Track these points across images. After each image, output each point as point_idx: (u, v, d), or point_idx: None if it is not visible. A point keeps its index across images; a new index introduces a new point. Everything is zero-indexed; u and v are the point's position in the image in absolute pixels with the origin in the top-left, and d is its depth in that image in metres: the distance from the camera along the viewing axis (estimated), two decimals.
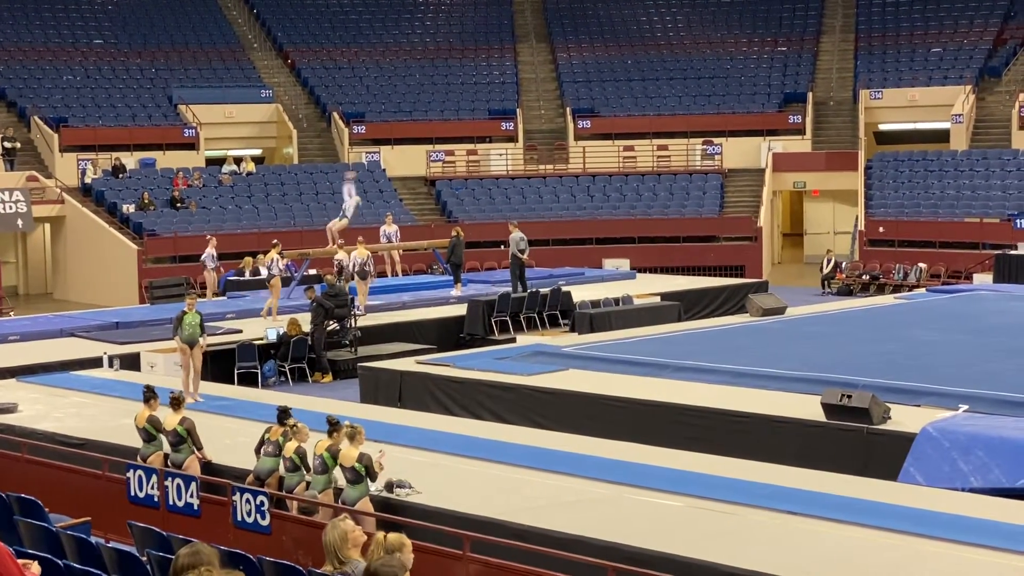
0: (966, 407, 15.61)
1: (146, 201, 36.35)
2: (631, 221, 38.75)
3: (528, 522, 11.94)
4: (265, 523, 12.23)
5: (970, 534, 11.30)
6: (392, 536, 8.60)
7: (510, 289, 27.30)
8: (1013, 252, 32.35)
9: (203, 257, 29.96)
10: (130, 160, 38.97)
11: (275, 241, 29.17)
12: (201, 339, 18.63)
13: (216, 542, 9.83)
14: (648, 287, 29.79)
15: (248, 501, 12.38)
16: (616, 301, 27.04)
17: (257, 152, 43.18)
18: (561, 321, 26.77)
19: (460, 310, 26.41)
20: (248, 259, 31.14)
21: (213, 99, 41.72)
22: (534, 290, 27.16)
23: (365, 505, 12.30)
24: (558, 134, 43.56)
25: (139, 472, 13.63)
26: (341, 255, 26.66)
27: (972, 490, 13.48)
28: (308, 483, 13.21)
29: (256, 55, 45.81)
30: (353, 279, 25.81)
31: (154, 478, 13.41)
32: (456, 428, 16.52)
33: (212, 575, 5.50)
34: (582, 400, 17.76)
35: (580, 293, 27.95)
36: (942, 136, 41.53)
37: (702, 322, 25.86)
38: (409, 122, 42.72)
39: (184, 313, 18.58)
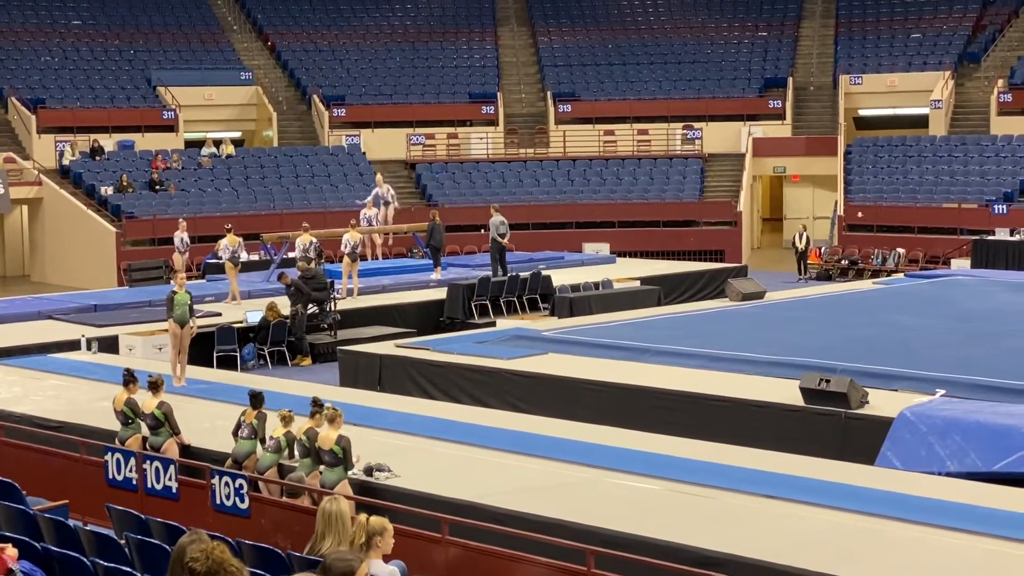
0: (943, 392, 15.69)
1: (125, 183, 36.20)
2: (611, 205, 38.77)
3: (507, 506, 11.97)
4: (244, 506, 12.23)
5: (947, 518, 11.37)
6: (374, 519, 8.62)
7: (490, 273, 27.30)
8: (991, 238, 32.50)
9: (176, 243, 29.45)
10: (108, 142, 38.79)
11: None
12: (191, 320, 18.57)
13: (195, 525, 9.83)
14: (628, 271, 29.83)
15: (227, 484, 12.37)
16: (596, 285, 27.08)
17: (237, 135, 43.05)
18: (541, 305, 26.79)
19: (440, 294, 26.40)
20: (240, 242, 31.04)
21: (192, 81, 41.55)
22: (514, 274, 27.16)
23: (344, 488, 12.31)
24: (538, 118, 43.53)
25: (117, 455, 13.60)
26: (305, 238, 26.42)
27: (949, 474, 13.55)
28: (281, 466, 13.23)
29: (236, 37, 45.63)
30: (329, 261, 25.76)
31: (132, 461, 13.38)
32: (435, 412, 16.52)
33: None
34: (561, 384, 17.78)
35: (560, 277, 27.97)
36: (921, 122, 41.66)
37: (682, 306, 25.92)
38: (389, 105, 42.63)
39: (175, 293, 18.49)
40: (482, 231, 33.59)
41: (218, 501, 12.42)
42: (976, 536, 10.93)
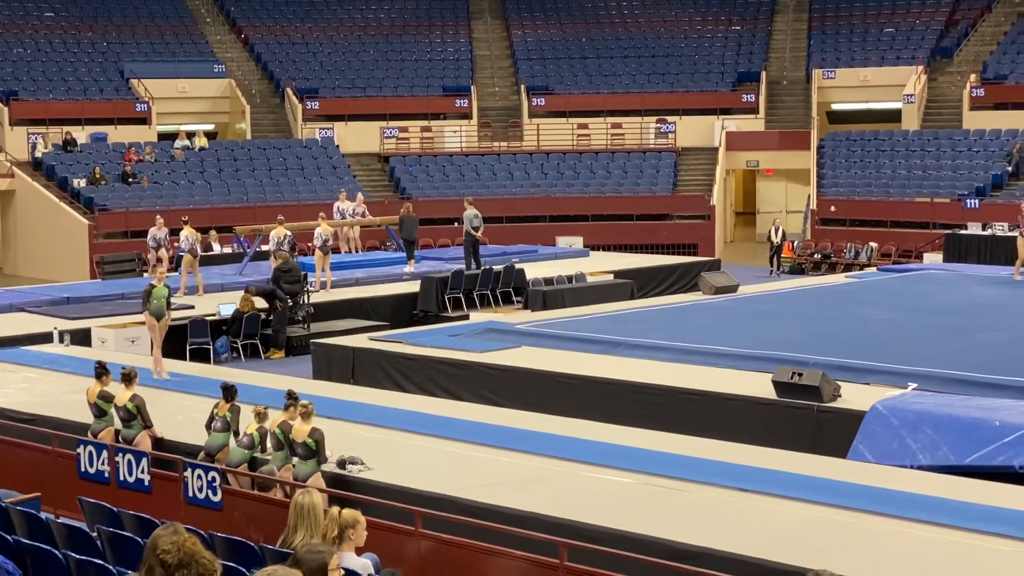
0: (915, 385, 15.76)
1: (97, 176, 36.02)
2: (585, 199, 38.81)
3: (480, 498, 11.96)
4: (217, 499, 12.21)
5: (919, 511, 11.42)
6: (346, 512, 8.63)
7: (463, 266, 27.29)
8: (963, 232, 32.64)
9: (157, 237, 29.08)
10: (81, 134, 38.59)
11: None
12: (167, 314, 18.51)
13: (167, 518, 9.79)
14: (601, 265, 29.85)
15: (200, 477, 12.34)
16: (569, 279, 27.10)
17: (210, 127, 42.87)
18: (514, 298, 26.79)
19: (413, 287, 26.37)
20: (198, 235, 30.92)
21: (166, 74, 41.36)
22: (487, 267, 27.15)
23: (317, 481, 12.29)
24: (512, 111, 43.51)
25: (89, 448, 13.55)
26: (280, 231, 26.37)
27: (920, 467, 13.61)
28: (253, 459, 13.21)
29: (209, 30, 45.43)
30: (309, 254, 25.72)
31: (105, 454, 13.34)
32: (408, 405, 16.51)
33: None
34: (534, 377, 17.79)
35: (533, 270, 27.98)
36: (894, 116, 41.83)
37: (655, 300, 25.94)
38: (363, 98, 42.52)
39: (152, 287, 18.43)
40: (455, 224, 33.54)
41: (190, 494, 12.39)
42: (948, 529, 10.98)
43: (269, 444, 13.19)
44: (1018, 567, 10.20)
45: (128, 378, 14.29)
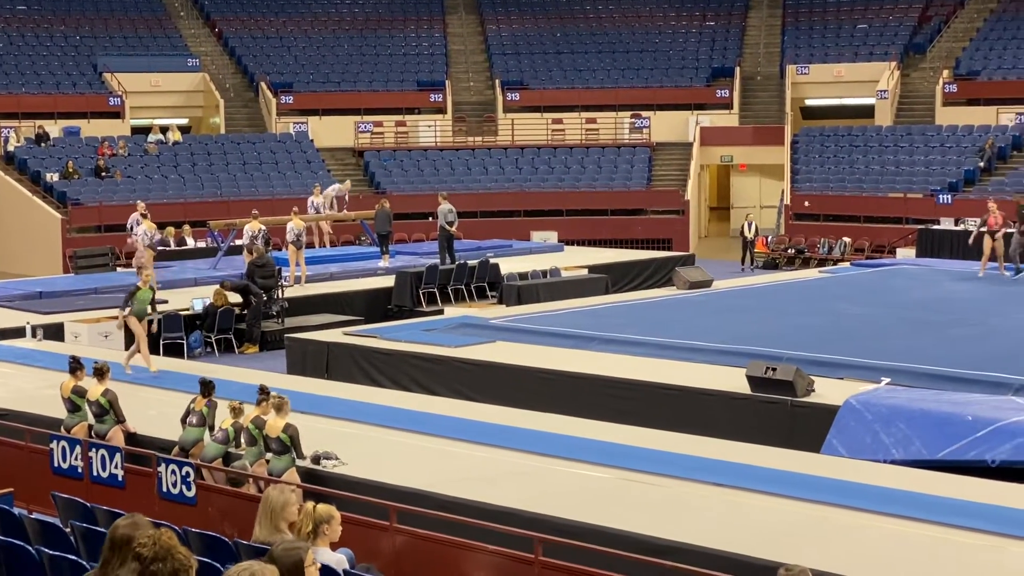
0: (888, 380, 15.83)
1: (70, 170, 35.82)
2: (559, 194, 38.82)
3: (455, 494, 11.96)
4: (191, 494, 12.17)
5: (891, 505, 11.47)
6: (321, 507, 8.62)
7: (438, 261, 27.27)
8: (936, 227, 32.79)
9: (132, 225, 28.79)
10: (54, 128, 38.37)
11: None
12: (148, 317, 18.34)
13: (141, 513, 9.76)
14: (576, 259, 29.88)
15: (174, 472, 12.30)
16: (544, 273, 27.12)
17: (183, 121, 42.70)
18: (489, 293, 26.79)
19: (388, 282, 26.34)
20: (171, 229, 30.87)
21: (139, 67, 41.16)
22: (462, 262, 27.13)
23: (291, 476, 12.27)
24: (487, 106, 43.48)
25: (63, 443, 13.49)
26: (254, 225, 26.27)
27: (893, 462, 13.68)
28: (228, 453, 13.16)
29: (183, 23, 45.24)
30: (281, 248, 25.66)
31: (78, 449, 13.28)
32: (383, 400, 16.49)
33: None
34: (509, 372, 17.79)
35: (508, 265, 27.98)
36: (867, 112, 41.97)
37: (629, 295, 26.00)
38: (337, 92, 42.42)
39: (138, 288, 18.25)
40: (430, 219, 33.52)
41: (164, 489, 12.35)
42: (920, 523, 11.04)
43: (243, 439, 13.15)
44: (990, 560, 10.27)
45: (100, 373, 14.22)
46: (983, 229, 25.92)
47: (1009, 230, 26.26)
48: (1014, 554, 10.35)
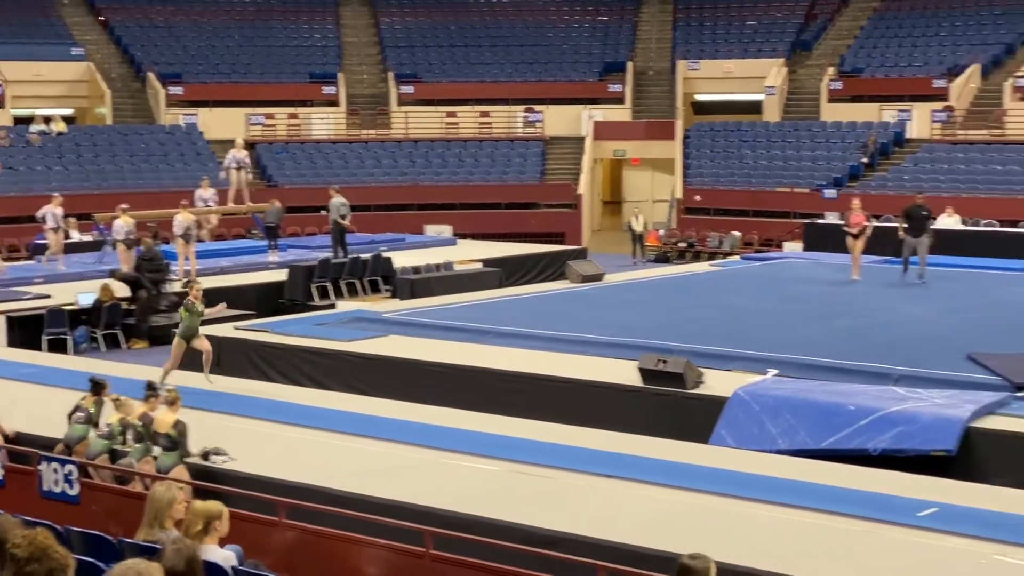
0: (775, 371, 16.06)
1: None
2: (453, 187, 38.79)
3: (345, 488, 11.90)
4: (73, 492, 11.91)
5: (777, 494, 11.63)
6: (210, 504, 8.51)
7: (331, 255, 27.09)
8: (821, 221, 33.31)
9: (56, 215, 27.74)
10: None
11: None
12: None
13: (22, 512, 9.56)
14: (469, 253, 29.88)
15: (55, 470, 12.04)
16: (438, 267, 27.05)
17: (68, 112, 41.86)
18: (382, 287, 26.69)
19: (280, 276, 26.11)
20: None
21: (20, 56, 40.19)
22: (355, 256, 26.99)
23: (180, 472, 12.10)
24: (380, 99, 43.29)
25: None
26: (126, 219, 25.82)
27: (780, 452, 13.88)
28: (113, 451, 12.93)
29: (66, 11, 44.35)
30: (168, 243, 25.29)
31: None
32: (274, 394, 16.34)
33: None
34: (403, 366, 17.73)
35: (402, 259, 27.89)
36: (756, 107, 42.57)
37: (523, 288, 26.05)
38: (228, 84, 41.93)
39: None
40: (322, 213, 33.27)
41: (45, 488, 12.09)
42: (806, 511, 11.22)
43: (129, 436, 12.92)
44: (872, 545, 10.47)
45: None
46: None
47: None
48: (891, 539, 10.57)
